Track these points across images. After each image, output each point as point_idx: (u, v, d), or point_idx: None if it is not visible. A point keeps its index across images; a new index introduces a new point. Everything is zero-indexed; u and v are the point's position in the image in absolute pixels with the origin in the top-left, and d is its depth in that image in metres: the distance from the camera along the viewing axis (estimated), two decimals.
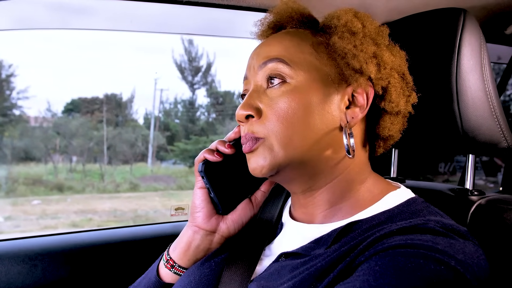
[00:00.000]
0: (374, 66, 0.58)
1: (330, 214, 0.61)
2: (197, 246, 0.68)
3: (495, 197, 0.73)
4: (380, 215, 0.57)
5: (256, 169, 0.60)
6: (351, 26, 0.59)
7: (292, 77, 0.58)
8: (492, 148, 0.72)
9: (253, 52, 0.64)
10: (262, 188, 0.72)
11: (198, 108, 10.65)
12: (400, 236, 0.49)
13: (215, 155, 0.66)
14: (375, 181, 0.63)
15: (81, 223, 6.41)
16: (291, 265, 0.56)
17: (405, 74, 0.62)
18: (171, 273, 0.69)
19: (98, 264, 1.06)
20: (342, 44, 0.58)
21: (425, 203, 0.60)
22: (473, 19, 0.71)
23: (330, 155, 0.59)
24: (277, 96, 0.58)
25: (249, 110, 0.59)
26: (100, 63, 10.77)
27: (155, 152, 9.64)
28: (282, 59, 0.59)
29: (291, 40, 0.61)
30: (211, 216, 0.68)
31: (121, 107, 9.69)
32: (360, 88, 0.59)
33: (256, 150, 0.59)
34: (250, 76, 0.63)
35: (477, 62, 0.70)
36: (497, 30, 1.19)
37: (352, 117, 0.59)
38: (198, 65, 10.26)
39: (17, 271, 0.96)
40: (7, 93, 8.37)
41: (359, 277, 0.46)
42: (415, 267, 0.44)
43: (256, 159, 0.59)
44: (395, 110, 0.61)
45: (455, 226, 0.52)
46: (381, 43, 0.60)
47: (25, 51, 9.17)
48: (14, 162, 8.08)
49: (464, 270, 0.45)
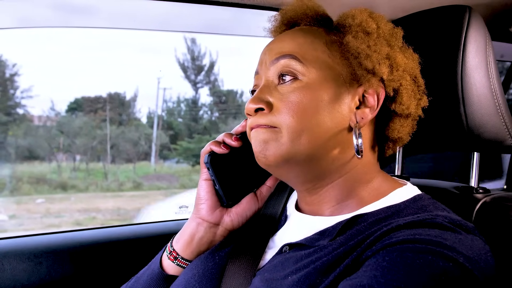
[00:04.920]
0: (387, 68, 0.58)
1: (336, 210, 0.61)
2: (200, 238, 0.68)
3: (500, 194, 0.73)
4: (386, 210, 0.57)
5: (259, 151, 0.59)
6: (365, 26, 0.58)
7: (304, 74, 0.58)
8: (497, 146, 0.72)
9: (266, 48, 0.64)
10: (267, 183, 0.72)
11: (201, 107, 10.66)
12: (408, 231, 0.49)
13: (221, 147, 0.66)
14: (382, 179, 0.63)
15: (85, 221, 6.43)
16: (295, 257, 0.56)
17: (417, 77, 0.62)
18: (174, 265, 0.69)
19: (102, 261, 1.06)
20: (356, 44, 0.58)
21: (432, 199, 0.60)
22: (479, 16, 0.70)
23: (337, 154, 0.59)
24: (288, 91, 0.58)
25: (259, 104, 0.59)
26: (103, 63, 10.80)
27: (158, 151, 9.66)
28: (295, 56, 0.58)
29: (305, 37, 0.60)
30: (215, 208, 0.68)
31: (124, 106, 9.71)
32: (372, 89, 0.59)
33: (263, 130, 0.59)
34: (262, 71, 0.63)
35: (482, 59, 0.69)
36: (502, 28, 1.18)
37: (362, 118, 0.59)
38: (201, 64, 10.26)
39: (23, 269, 0.97)
40: (11, 92, 8.41)
41: (367, 273, 0.46)
42: (423, 264, 0.44)
43: (258, 142, 0.59)
44: (405, 113, 0.61)
45: (463, 222, 0.52)
46: (395, 45, 0.60)
47: (28, 51, 9.21)
48: (18, 161, 8.12)
49: (472, 267, 0.45)
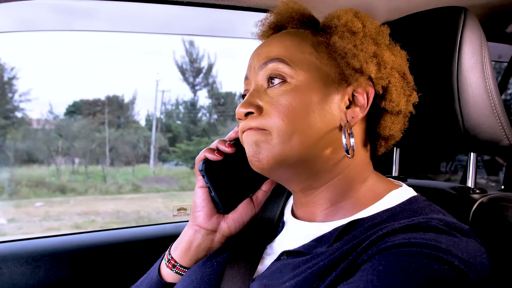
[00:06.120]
0: (374, 66, 0.58)
1: (331, 212, 0.61)
2: (198, 245, 0.68)
3: (497, 195, 0.73)
4: (382, 213, 0.57)
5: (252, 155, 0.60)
6: (351, 25, 0.59)
7: (292, 77, 0.58)
8: (494, 147, 0.72)
9: (254, 53, 0.64)
10: (263, 188, 0.72)
11: (200, 109, 10.64)
12: (403, 235, 0.49)
13: (215, 154, 0.67)
14: (377, 180, 0.63)
15: (84, 224, 6.42)
16: (293, 264, 0.56)
17: (406, 74, 0.62)
18: (172, 273, 0.69)
19: (101, 264, 1.06)
20: (342, 44, 0.58)
21: (427, 201, 0.60)
22: (474, 17, 0.71)
23: (329, 154, 0.59)
24: (277, 95, 0.59)
25: (249, 108, 0.59)
26: (102, 65, 10.79)
27: (157, 153, 9.64)
28: (283, 59, 0.59)
29: (292, 40, 0.61)
30: (212, 215, 0.68)
31: (123, 108, 9.69)
32: (361, 88, 0.59)
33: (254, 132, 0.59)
34: (251, 76, 0.63)
35: (478, 60, 0.70)
36: (498, 29, 1.19)
37: (352, 117, 0.59)
38: (199, 66, 10.26)
39: (21, 272, 0.97)
40: (9, 96, 8.39)
41: (363, 277, 0.46)
42: (419, 267, 0.44)
43: (250, 145, 0.60)
44: (395, 110, 0.61)
45: (458, 224, 0.52)
46: (382, 43, 0.60)
47: (27, 54, 9.19)
48: (17, 164, 8.10)
49: (467, 269, 0.45)
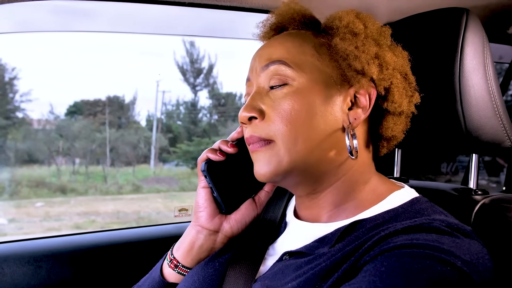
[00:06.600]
0: (376, 67, 0.58)
1: (334, 214, 0.61)
2: (200, 245, 0.68)
3: (499, 196, 0.73)
4: (384, 214, 0.57)
5: (260, 173, 0.60)
6: (352, 27, 0.59)
7: (294, 79, 0.58)
8: (496, 148, 0.72)
9: (255, 54, 0.64)
10: (265, 188, 0.72)
11: (200, 110, 10.65)
12: (406, 236, 0.49)
13: (217, 154, 0.67)
14: (379, 181, 0.63)
15: (84, 224, 6.42)
16: (295, 264, 0.56)
17: (408, 75, 0.62)
18: (174, 273, 0.69)
19: (102, 265, 1.06)
20: (344, 46, 0.58)
21: (429, 202, 0.60)
22: (476, 18, 0.71)
23: (333, 156, 0.59)
24: (279, 98, 0.58)
25: (252, 112, 0.59)
26: (102, 66, 10.80)
27: (157, 154, 9.64)
28: (284, 62, 0.59)
29: (293, 42, 0.61)
30: (214, 215, 0.68)
31: (123, 109, 9.70)
32: (363, 89, 0.59)
33: (262, 152, 0.60)
34: (253, 78, 0.63)
35: (480, 61, 0.70)
36: (499, 30, 1.19)
37: (355, 118, 0.59)
38: (200, 67, 10.26)
39: (22, 272, 0.97)
40: (10, 96, 8.40)
41: (365, 278, 0.46)
42: (421, 268, 0.44)
43: (260, 163, 0.60)
44: (398, 111, 0.61)
45: (460, 225, 0.52)
46: (383, 44, 0.60)
47: (28, 54, 9.20)
48: (17, 165, 8.10)
49: (470, 271, 0.45)
